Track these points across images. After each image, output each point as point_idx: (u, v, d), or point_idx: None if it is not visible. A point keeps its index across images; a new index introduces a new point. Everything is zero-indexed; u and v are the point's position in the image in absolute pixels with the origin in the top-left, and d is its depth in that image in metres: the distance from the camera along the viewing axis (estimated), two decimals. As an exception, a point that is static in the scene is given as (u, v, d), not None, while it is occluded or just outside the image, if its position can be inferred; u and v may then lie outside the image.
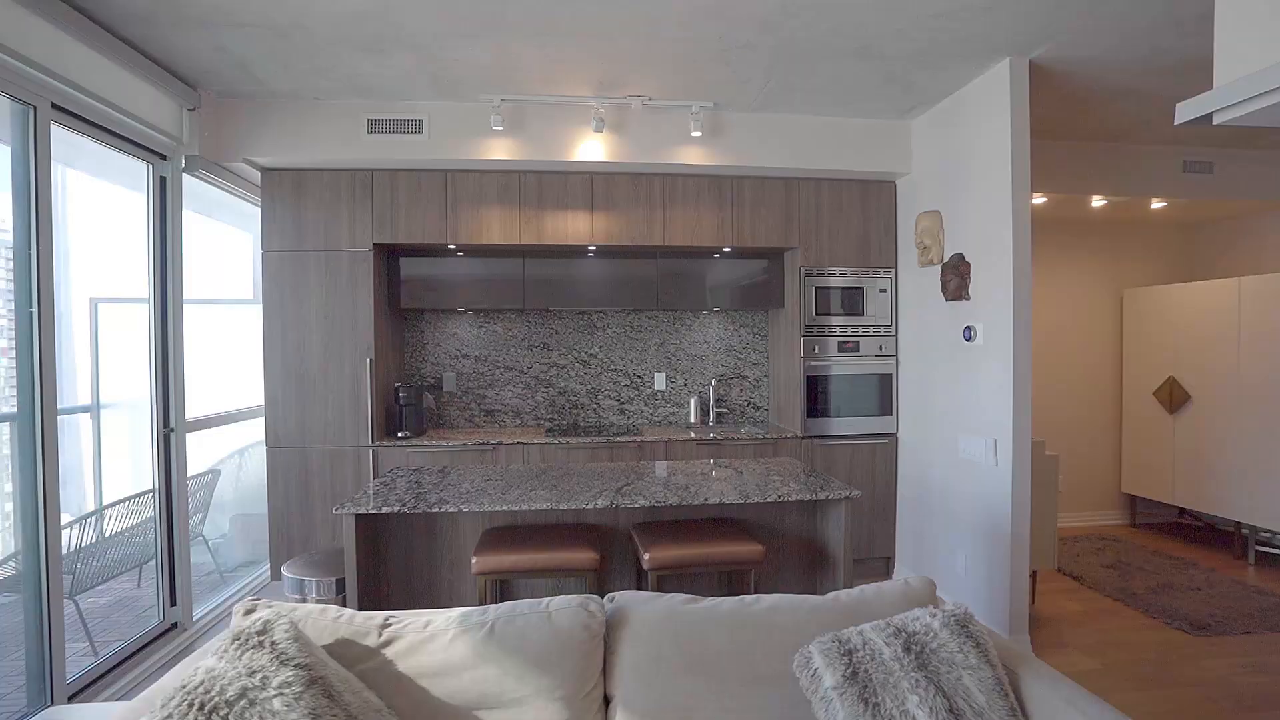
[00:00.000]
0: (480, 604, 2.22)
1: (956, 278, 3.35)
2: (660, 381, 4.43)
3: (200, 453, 4.17)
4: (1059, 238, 5.06)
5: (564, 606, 1.59)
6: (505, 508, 2.23)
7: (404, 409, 3.79)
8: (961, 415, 3.38)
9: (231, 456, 4.44)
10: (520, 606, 1.61)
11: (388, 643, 1.55)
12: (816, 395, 3.94)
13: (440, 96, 3.41)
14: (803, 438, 3.91)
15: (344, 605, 2.19)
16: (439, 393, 4.25)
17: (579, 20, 2.66)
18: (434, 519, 2.52)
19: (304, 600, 2.56)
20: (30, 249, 2.41)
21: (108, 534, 3.03)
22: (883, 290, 4.01)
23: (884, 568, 4.07)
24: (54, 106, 2.50)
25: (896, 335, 4.02)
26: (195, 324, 4.31)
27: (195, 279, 4.21)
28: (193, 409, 3.79)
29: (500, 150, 3.53)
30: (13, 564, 2.52)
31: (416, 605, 2.47)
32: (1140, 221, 5.06)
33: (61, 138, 2.64)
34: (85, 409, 4.08)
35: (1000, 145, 3.05)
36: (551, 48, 2.91)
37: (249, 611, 1.54)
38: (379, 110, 3.44)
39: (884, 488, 3.99)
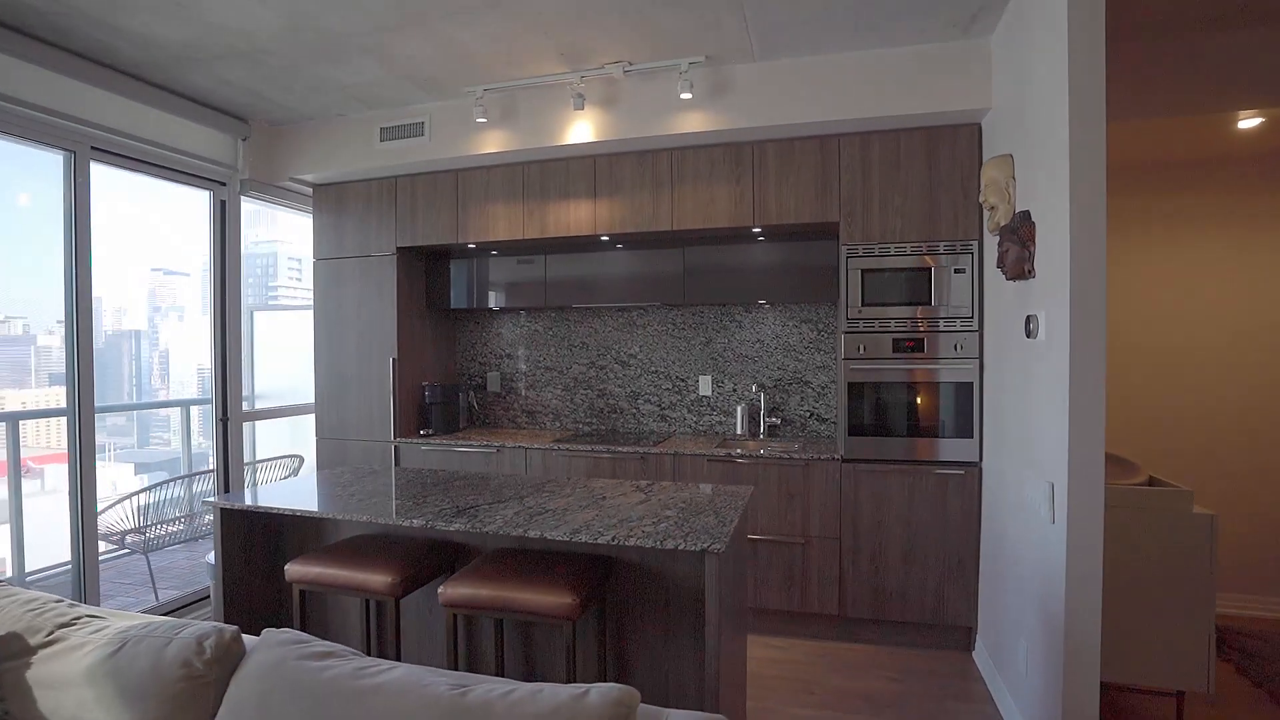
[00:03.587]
0: (295, 617, 2.13)
1: (1017, 246, 2.33)
2: (705, 386, 3.90)
3: (298, 439, 4.81)
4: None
5: (186, 637, 1.41)
6: (335, 516, 2.10)
7: (431, 407, 3.90)
8: (1023, 444, 2.36)
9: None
10: (161, 627, 1.46)
11: (51, 643, 1.51)
12: (864, 407, 3.10)
13: (429, 97, 3.42)
14: (844, 460, 3.10)
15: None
16: (483, 393, 4.30)
17: (472, -13, 2.43)
18: (323, 524, 2.50)
19: (221, 584, 2.73)
20: (72, 268, 2.97)
21: (168, 506, 3.64)
22: (959, 270, 2.99)
23: (963, 640, 3.04)
24: (94, 149, 3.05)
25: (980, 330, 2.97)
26: (293, 324, 4.96)
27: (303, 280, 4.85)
28: (283, 399, 4.40)
29: (494, 143, 3.42)
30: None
31: (314, 613, 2.47)
32: None
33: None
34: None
35: (1058, 51, 2.04)
36: (480, 26, 2.71)
37: (-25, 593, 1.65)
38: (386, 119, 3.58)
39: (959, 533, 2.98)
